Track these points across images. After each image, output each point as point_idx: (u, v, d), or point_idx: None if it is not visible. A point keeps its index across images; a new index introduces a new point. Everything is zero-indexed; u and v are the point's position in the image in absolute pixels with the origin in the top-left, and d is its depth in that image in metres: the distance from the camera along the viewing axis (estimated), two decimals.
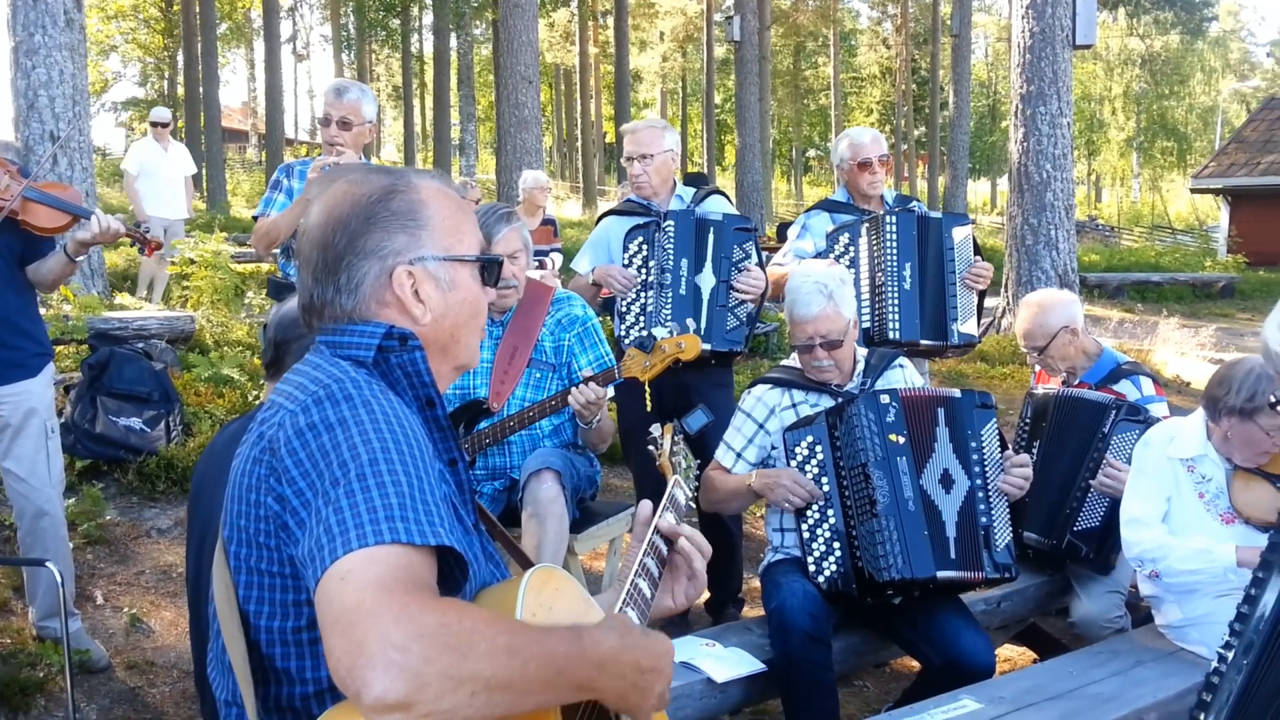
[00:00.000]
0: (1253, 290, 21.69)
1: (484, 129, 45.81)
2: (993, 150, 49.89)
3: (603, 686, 1.50)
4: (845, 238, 4.78)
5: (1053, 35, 11.85)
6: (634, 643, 1.57)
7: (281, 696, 1.62)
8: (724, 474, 3.86)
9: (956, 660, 3.35)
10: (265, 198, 4.84)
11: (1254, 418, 3.42)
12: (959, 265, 4.71)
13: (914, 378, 3.93)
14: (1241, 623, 1.97)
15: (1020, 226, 12.34)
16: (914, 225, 4.68)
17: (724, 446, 3.89)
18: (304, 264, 1.75)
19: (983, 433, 3.54)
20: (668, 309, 4.42)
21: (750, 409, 3.87)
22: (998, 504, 3.50)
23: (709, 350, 4.42)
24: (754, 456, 3.84)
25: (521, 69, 14.61)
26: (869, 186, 4.95)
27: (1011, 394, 9.21)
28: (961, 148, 30.89)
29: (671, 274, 4.46)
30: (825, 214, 5.04)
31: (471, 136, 28.47)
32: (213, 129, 29.40)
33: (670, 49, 46.72)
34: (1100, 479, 4.07)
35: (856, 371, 3.86)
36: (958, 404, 3.57)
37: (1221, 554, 3.39)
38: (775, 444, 3.78)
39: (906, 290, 4.61)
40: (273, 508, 1.55)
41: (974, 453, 3.51)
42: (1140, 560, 3.59)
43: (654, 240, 4.53)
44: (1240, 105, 53.18)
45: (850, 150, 4.96)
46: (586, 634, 1.51)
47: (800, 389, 3.84)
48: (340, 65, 45.94)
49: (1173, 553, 3.49)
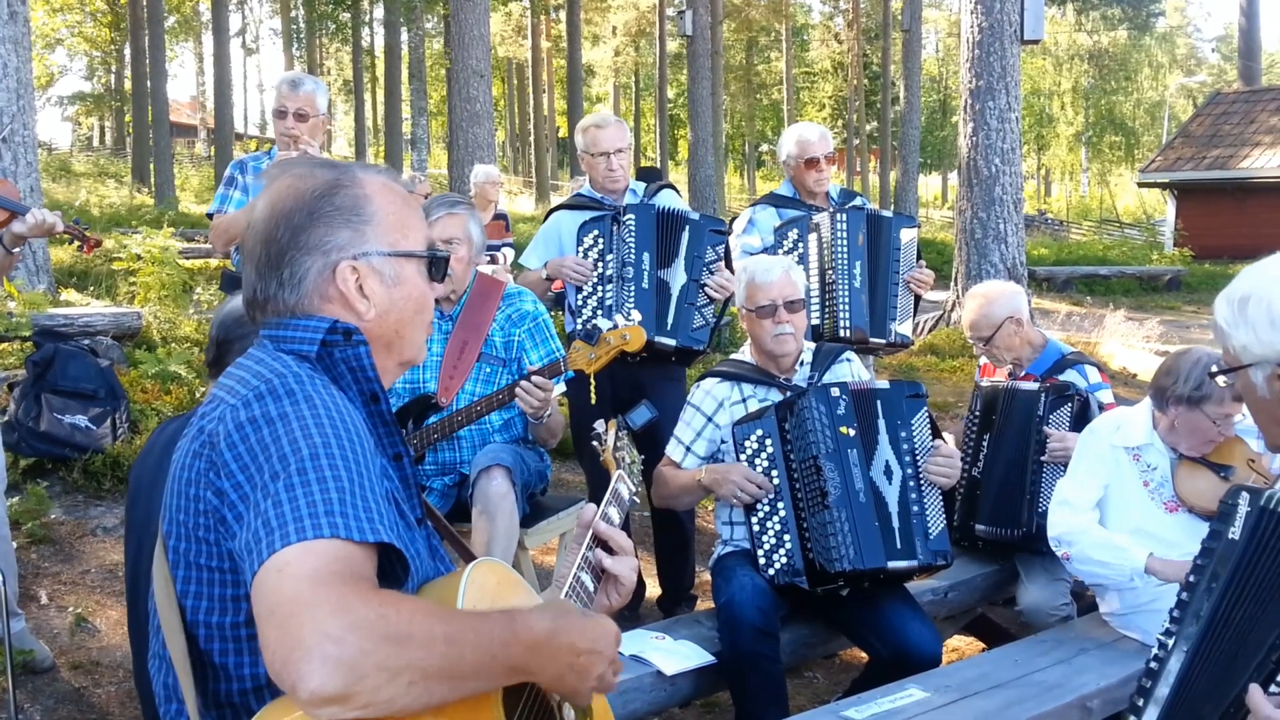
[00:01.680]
0: (1198, 283, 22.03)
1: (436, 123, 45.56)
2: (944, 145, 50.24)
3: (538, 669, 1.51)
4: (795, 233, 4.80)
5: (1001, 30, 11.96)
6: (569, 624, 1.57)
7: (220, 692, 1.61)
8: (674, 469, 3.87)
9: (904, 650, 3.38)
10: (220, 194, 4.80)
11: (1201, 406, 3.47)
12: (903, 266, 4.75)
13: (861, 371, 3.97)
14: (1181, 610, 2.00)
15: (969, 220, 12.44)
16: (864, 223, 4.71)
17: (674, 441, 3.90)
18: (248, 258, 1.76)
19: (913, 422, 3.58)
20: (630, 302, 4.41)
21: (699, 403, 3.88)
22: (929, 492, 3.53)
23: (673, 346, 4.43)
24: (703, 450, 3.85)
25: (473, 63, 14.54)
26: (815, 184, 4.97)
27: (961, 386, 9.29)
28: (913, 142, 31.08)
29: (633, 267, 4.44)
30: (772, 209, 5.05)
31: (423, 131, 28.27)
32: (160, 123, 29.03)
33: (623, 43, 46.67)
34: (1049, 451, 4.14)
35: (803, 363, 3.88)
36: (889, 395, 3.61)
37: (1133, 556, 3.41)
38: (725, 438, 3.79)
39: (856, 288, 4.65)
40: (211, 502, 1.55)
41: (905, 442, 3.55)
42: (1057, 540, 3.65)
43: (611, 234, 4.51)
44: (1187, 100, 53.88)
45: (798, 147, 4.98)
46: (520, 617, 1.51)
47: (749, 382, 3.85)
48: (290, 59, 45.50)
49: (1088, 539, 3.55)
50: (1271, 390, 1.96)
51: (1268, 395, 1.97)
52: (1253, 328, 1.96)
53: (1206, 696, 1.87)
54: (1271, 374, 1.95)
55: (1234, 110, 30.46)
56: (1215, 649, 1.89)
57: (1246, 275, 2.03)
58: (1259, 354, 1.96)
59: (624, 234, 4.48)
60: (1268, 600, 1.84)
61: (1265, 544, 1.89)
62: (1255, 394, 2.01)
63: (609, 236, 4.51)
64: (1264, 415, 2.03)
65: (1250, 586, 1.88)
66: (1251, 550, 1.91)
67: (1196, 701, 1.89)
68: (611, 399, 4.46)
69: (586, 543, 2.01)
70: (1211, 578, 1.96)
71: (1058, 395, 4.22)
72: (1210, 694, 1.86)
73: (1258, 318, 1.95)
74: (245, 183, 4.78)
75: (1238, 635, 1.86)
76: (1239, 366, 2.01)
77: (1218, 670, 1.87)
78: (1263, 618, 1.83)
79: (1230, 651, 1.86)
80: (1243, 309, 1.98)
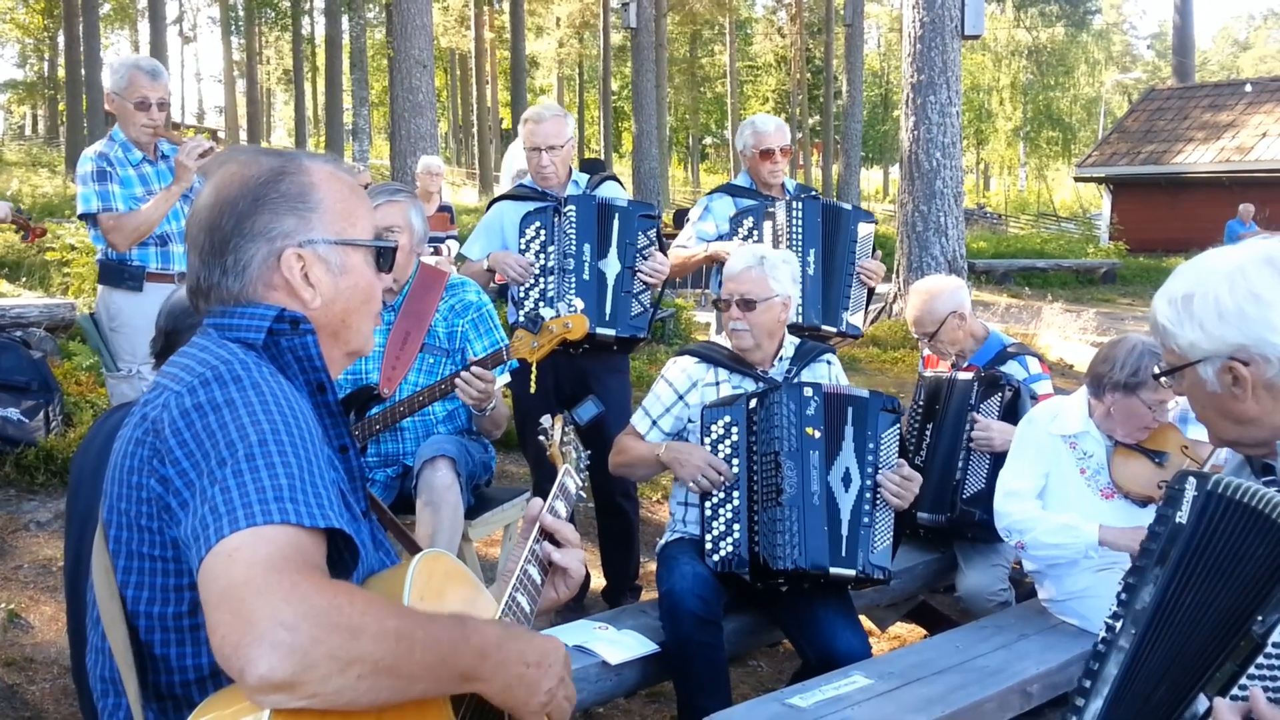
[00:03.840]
0: (1133, 276, 22.45)
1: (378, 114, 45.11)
2: (885, 139, 50.63)
3: (486, 676, 1.50)
4: (749, 221, 4.82)
5: (942, 25, 12.08)
6: (519, 634, 1.58)
7: (161, 684, 1.59)
8: (636, 439, 3.86)
9: (830, 655, 3.40)
10: (99, 191, 4.67)
11: (1137, 392, 3.55)
12: (857, 259, 4.79)
13: (839, 375, 3.96)
14: (1129, 593, 2.01)
15: (911, 214, 12.57)
16: (819, 213, 4.74)
17: (641, 412, 3.89)
18: (191, 246, 1.73)
19: (883, 436, 3.56)
20: (571, 293, 4.39)
21: (673, 378, 3.87)
22: (882, 508, 3.53)
23: (614, 336, 4.42)
24: (669, 426, 3.84)
25: (416, 53, 14.43)
26: (770, 175, 4.99)
27: (902, 378, 9.40)
28: (855, 136, 31.33)
29: (574, 259, 4.44)
30: (728, 197, 5.07)
31: (365, 121, 27.94)
32: (95, 113, 28.44)
33: (567, 35, 46.49)
34: (975, 438, 4.20)
35: (782, 357, 3.88)
36: (865, 405, 3.58)
37: (1085, 532, 3.54)
38: (693, 417, 3.78)
39: (810, 275, 4.68)
40: (155, 489, 1.52)
41: (870, 454, 3.54)
42: (1009, 531, 3.72)
43: (553, 225, 4.49)
44: (1122, 96, 54.74)
45: (754, 138, 5.00)
46: (470, 621, 1.51)
47: (725, 368, 3.84)
48: (229, 47, 44.85)
49: (1039, 525, 3.63)
50: (1222, 383, 1.98)
51: (1218, 389, 1.99)
52: (1199, 324, 1.97)
53: (1158, 678, 1.89)
54: (1222, 367, 1.97)
55: (1168, 106, 31.04)
56: (1164, 631, 1.90)
57: (1183, 273, 2.04)
58: (1208, 349, 1.97)
59: (565, 225, 4.47)
60: (1217, 583, 1.86)
61: (1213, 527, 1.90)
62: (1203, 390, 2.02)
63: (550, 228, 4.50)
64: (1212, 410, 2.05)
65: (1199, 570, 1.90)
66: (1200, 534, 1.92)
67: (1147, 680, 1.91)
68: (555, 391, 4.45)
69: (534, 536, 2.01)
70: (1159, 560, 1.97)
71: (989, 385, 4.28)
72: (1162, 676, 1.88)
73: (1204, 313, 1.97)
74: (121, 175, 4.72)
75: (1188, 619, 1.88)
76: (1185, 364, 2.03)
77: (1170, 651, 1.89)
78: (1213, 602, 1.85)
79: (1182, 634, 1.88)
80: (1187, 306, 1.99)
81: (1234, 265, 1.98)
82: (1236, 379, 1.97)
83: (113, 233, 4.69)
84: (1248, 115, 28.80)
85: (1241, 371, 1.95)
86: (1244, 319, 1.94)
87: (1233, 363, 1.96)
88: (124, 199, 4.67)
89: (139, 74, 4.72)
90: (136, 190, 4.75)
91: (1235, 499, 1.88)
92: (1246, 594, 1.80)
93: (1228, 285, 1.96)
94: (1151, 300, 2.12)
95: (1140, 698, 1.91)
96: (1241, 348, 1.95)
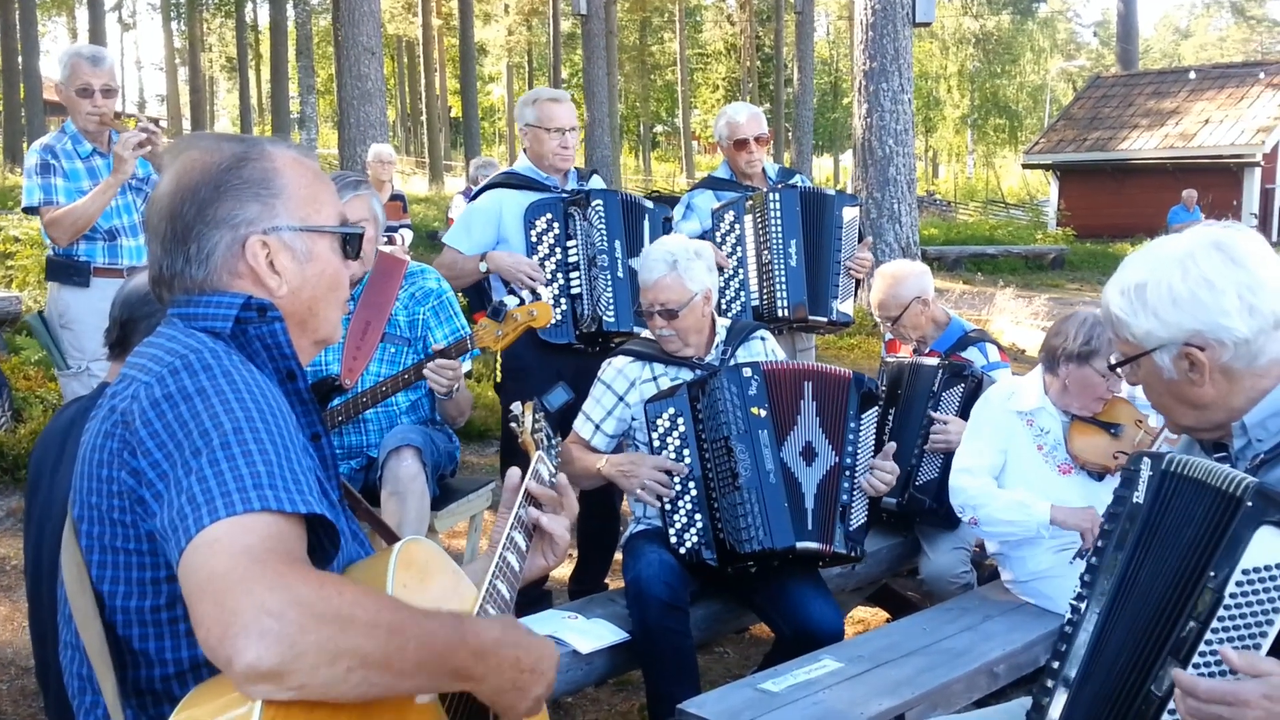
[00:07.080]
0: (1081, 261, 22.73)
1: (324, 102, 44.63)
2: (835, 127, 50.83)
3: (480, 676, 1.48)
4: (730, 215, 4.80)
5: (894, 13, 12.14)
6: (516, 640, 1.56)
7: (140, 679, 1.56)
8: (581, 449, 3.83)
9: (805, 628, 3.41)
10: (42, 184, 4.60)
11: (1090, 361, 3.61)
12: (845, 245, 4.78)
13: (775, 349, 3.96)
14: (1091, 573, 2.06)
15: (865, 200, 12.63)
16: (798, 201, 4.72)
17: (583, 417, 3.86)
18: (153, 235, 1.70)
19: (863, 418, 3.57)
20: (608, 292, 4.35)
21: (610, 380, 3.85)
22: (859, 492, 3.55)
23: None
24: (613, 429, 3.82)
25: (363, 39, 14.26)
26: (746, 165, 4.97)
27: (859, 364, 9.44)
28: (806, 124, 31.43)
29: (607, 255, 4.37)
30: (709, 192, 5.04)
31: (312, 109, 27.70)
32: (34, 102, 27.92)
33: (516, 22, 46.25)
34: (932, 438, 4.22)
35: (716, 343, 3.87)
36: (835, 382, 3.58)
37: (1037, 510, 3.58)
38: (636, 415, 3.77)
39: (793, 267, 4.67)
40: (127, 482, 1.49)
41: (850, 433, 3.53)
42: (962, 508, 3.76)
43: (569, 218, 4.42)
44: (1067, 84, 55.36)
45: (728, 129, 4.97)
46: (468, 622, 1.50)
47: (660, 363, 3.83)
48: (170, 34, 44.21)
49: (993, 502, 3.67)
50: (1179, 370, 2.01)
51: (1175, 375, 2.02)
52: (1153, 312, 2.00)
53: (1124, 648, 1.94)
54: (1178, 354, 2.00)
55: (1113, 94, 31.44)
56: (1126, 605, 1.97)
57: (1134, 263, 2.07)
58: (1164, 336, 2.00)
59: (593, 220, 4.40)
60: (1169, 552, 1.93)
61: (1167, 504, 1.97)
62: (1160, 378, 2.05)
63: (565, 221, 4.42)
64: (1169, 397, 2.08)
65: (1155, 545, 1.97)
66: (1156, 511, 1.98)
67: (1115, 652, 1.95)
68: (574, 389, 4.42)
69: (519, 501, 2.01)
70: (1119, 541, 2.02)
71: (953, 374, 4.30)
72: (1128, 647, 1.93)
73: (1158, 301, 1.99)
74: (66, 167, 4.63)
75: (1147, 588, 1.94)
76: (1141, 353, 2.05)
77: (1133, 621, 1.95)
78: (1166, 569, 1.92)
79: (1143, 602, 1.94)
80: (1140, 296, 2.01)
81: (1184, 252, 2.01)
82: (1193, 364, 2.00)
83: (52, 226, 4.60)
84: (1190, 102, 29.25)
85: (1198, 357, 1.98)
86: (1198, 305, 1.97)
87: (1189, 348, 1.99)
88: (67, 192, 4.58)
89: (80, 60, 4.64)
90: (84, 184, 4.65)
91: (1188, 475, 1.94)
92: (1196, 555, 1.86)
93: (1180, 272, 1.99)
94: (1101, 286, 2.14)
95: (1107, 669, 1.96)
96: (1196, 333, 1.98)
